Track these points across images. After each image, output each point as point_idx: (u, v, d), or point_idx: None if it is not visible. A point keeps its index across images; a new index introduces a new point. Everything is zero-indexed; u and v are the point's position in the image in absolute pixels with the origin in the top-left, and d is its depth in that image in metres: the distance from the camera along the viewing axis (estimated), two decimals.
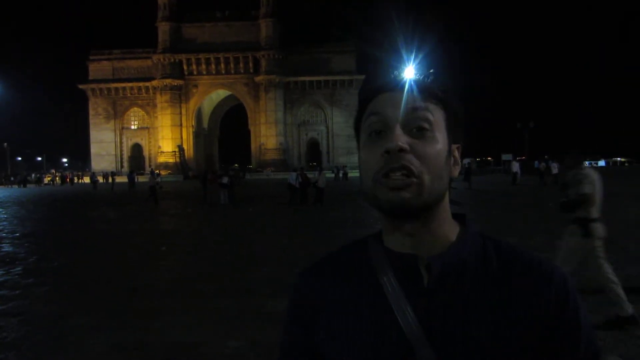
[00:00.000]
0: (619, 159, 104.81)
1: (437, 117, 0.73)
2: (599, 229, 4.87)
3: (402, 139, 0.70)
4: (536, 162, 36.97)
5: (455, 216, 0.81)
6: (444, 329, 0.70)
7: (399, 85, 0.75)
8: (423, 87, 0.74)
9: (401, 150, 0.69)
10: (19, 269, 8.07)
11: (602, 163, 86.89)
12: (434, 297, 0.72)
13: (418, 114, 0.72)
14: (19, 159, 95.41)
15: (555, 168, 29.37)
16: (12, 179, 61.11)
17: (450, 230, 0.77)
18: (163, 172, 63.05)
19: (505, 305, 0.70)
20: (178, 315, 5.30)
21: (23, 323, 5.17)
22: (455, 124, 0.77)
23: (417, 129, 0.72)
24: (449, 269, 0.73)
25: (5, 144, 75.74)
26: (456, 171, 0.78)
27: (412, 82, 0.74)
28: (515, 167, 31.19)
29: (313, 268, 0.84)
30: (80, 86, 75.22)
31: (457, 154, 0.78)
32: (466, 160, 37.94)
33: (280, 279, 6.82)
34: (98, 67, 75.38)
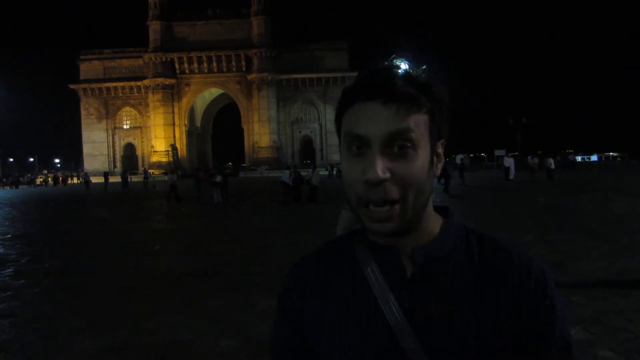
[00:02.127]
0: (611, 154, 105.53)
1: (420, 130, 0.71)
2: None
3: (381, 167, 0.68)
4: (530, 157, 37.10)
5: (438, 209, 0.82)
6: (427, 318, 0.71)
7: (378, 94, 0.70)
8: (406, 95, 0.70)
9: (382, 181, 0.69)
10: (10, 270, 8.02)
11: (594, 158, 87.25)
12: (417, 287, 0.73)
13: (400, 135, 0.69)
14: (11, 160, 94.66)
15: (552, 164, 29.66)
16: (4, 180, 60.65)
17: (433, 223, 0.78)
18: (156, 172, 62.88)
19: (487, 296, 0.72)
20: (170, 314, 5.28)
21: (14, 325, 5.13)
22: (441, 121, 0.75)
23: (399, 148, 0.69)
24: (432, 259, 0.74)
25: None
26: (439, 169, 0.77)
27: (395, 87, 0.70)
28: (508, 162, 31.17)
29: (301, 263, 0.86)
30: (72, 86, 74.70)
31: (440, 149, 0.77)
32: (459, 157, 38.11)
33: (273, 277, 6.81)
34: (89, 67, 74.87)
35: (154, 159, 72.00)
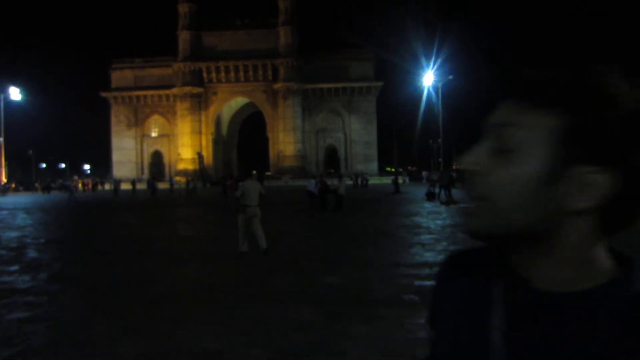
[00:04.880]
0: None
1: (532, 133, 0.57)
2: (250, 210, 9.24)
3: (471, 159, 0.61)
4: None
5: (619, 257, 0.63)
6: None
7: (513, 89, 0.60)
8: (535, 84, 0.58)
9: (470, 171, 0.61)
10: (44, 274, 8.17)
11: None
12: (533, 332, 0.59)
13: (502, 131, 0.59)
14: (43, 165, 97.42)
15: None
16: (36, 185, 62.60)
17: (587, 271, 0.59)
18: (182, 179, 63.83)
19: None
20: (202, 322, 5.26)
21: (50, 329, 5.20)
22: (595, 138, 0.54)
23: (501, 149, 0.59)
24: (559, 312, 0.58)
25: (30, 151, 77.57)
26: (582, 201, 0.56)
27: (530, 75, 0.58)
28: None
29: (450, 260, 0.78)
30: (103, 94, 76.71)
31: (593, 179, 0.55)
32: None
33: (302, 287, 6.77)
34: (120, 76, 76.80)
35: (181, 166, 73.12)
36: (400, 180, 40.65)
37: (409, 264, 8.13)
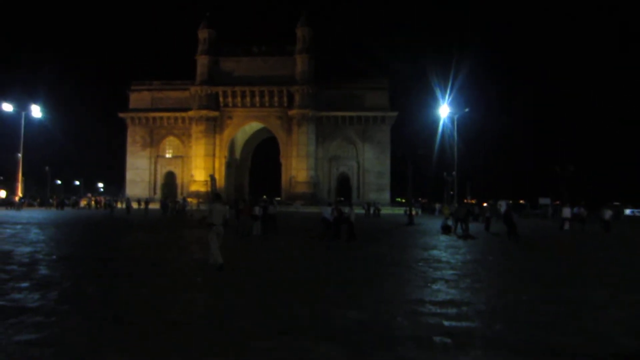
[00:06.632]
0: None
1: None
2: (216, 228, 10.64)
3: None
4: (576, 208, 35.58)
5: None
6: None
7: None
8: None
9: None
10: (55, 293, 7.89)
11: (628, 211, 79.18)
12: None
13: None
14: (58, 182, 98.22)
15: (610, 215, 28.97)
16: (50, 201, 63.07)
17: None
18: (194, 201, 63.96)
19: None
20: (222, 357, 4.92)
21: (57, 355, 4.89)
22: None
23: None
24: None
25: (47, 167, 78.45)
26: None
27: None
28: (567, 212, 29.86)
29: None
30: (121, 114, 77.75)
31: None
32: (503, 202, 36.62)
33: (322, 320, 6.40)
34: (138, 97, 77.98)
35: (193, 188, 73.26)
36: (414, 212, 40.12)
37: (434, 302, 7.71)
